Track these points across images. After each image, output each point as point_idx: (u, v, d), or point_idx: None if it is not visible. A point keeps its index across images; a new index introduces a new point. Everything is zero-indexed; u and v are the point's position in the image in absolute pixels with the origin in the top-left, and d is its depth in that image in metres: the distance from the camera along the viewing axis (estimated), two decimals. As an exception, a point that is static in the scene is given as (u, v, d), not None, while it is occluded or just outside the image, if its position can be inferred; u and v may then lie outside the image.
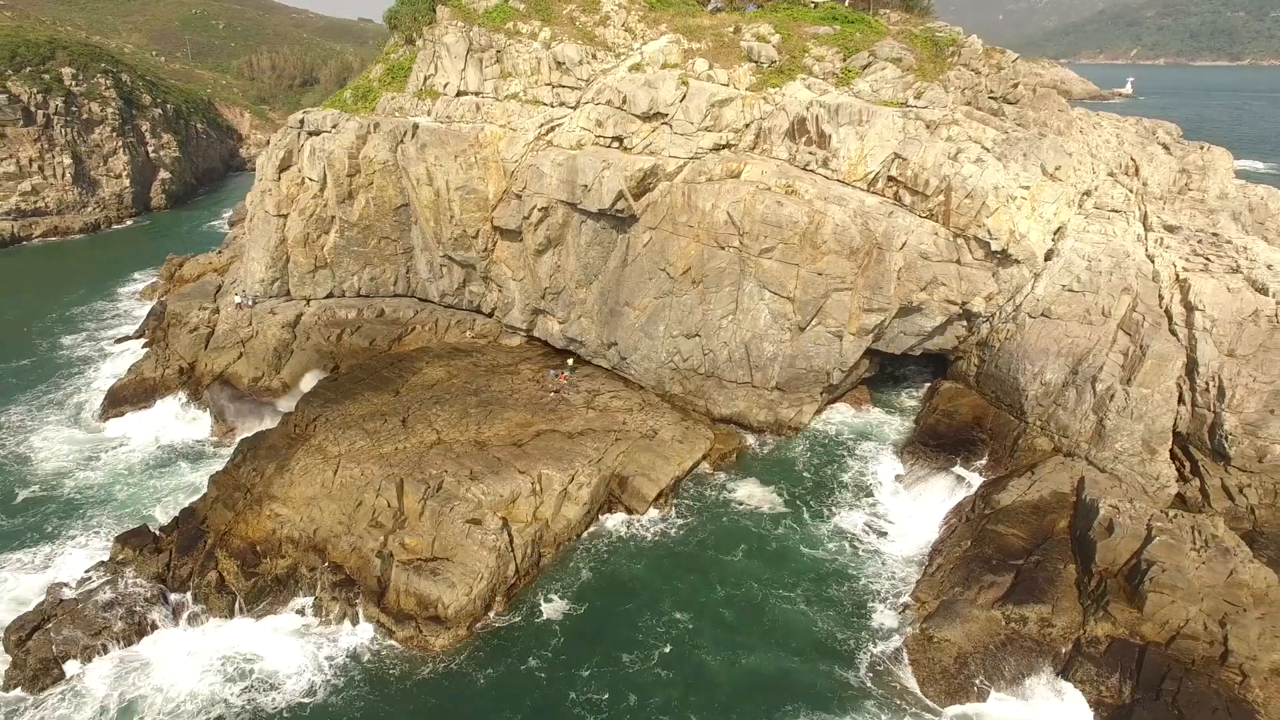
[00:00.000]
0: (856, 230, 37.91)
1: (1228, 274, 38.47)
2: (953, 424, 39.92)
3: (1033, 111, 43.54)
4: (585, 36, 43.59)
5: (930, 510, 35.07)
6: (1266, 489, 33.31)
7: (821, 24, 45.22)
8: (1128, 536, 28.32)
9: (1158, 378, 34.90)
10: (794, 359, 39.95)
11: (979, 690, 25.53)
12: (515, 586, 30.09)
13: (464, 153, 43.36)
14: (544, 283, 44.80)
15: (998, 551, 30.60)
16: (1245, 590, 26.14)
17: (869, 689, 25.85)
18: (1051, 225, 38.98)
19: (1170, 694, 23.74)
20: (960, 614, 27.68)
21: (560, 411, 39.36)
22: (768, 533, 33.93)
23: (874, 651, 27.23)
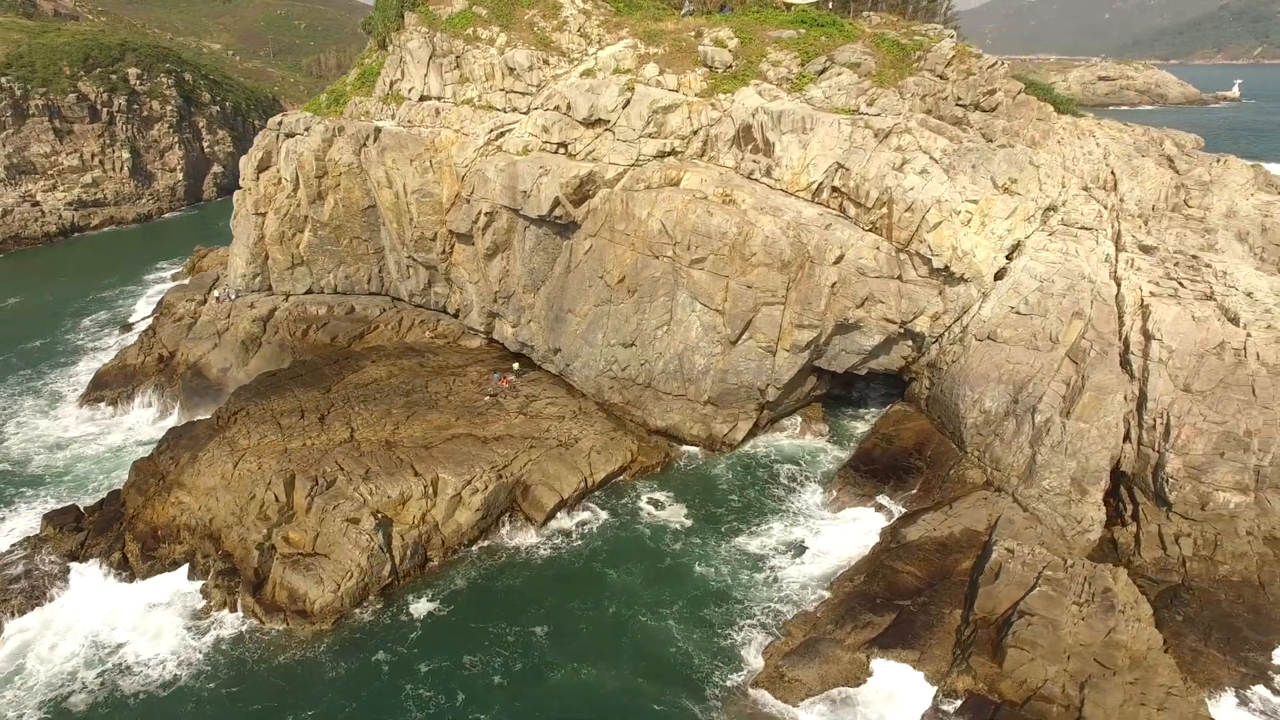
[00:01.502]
0: (787, 243, 36.53)
1: (1198, 301, 35.09)
2: (890, 449, 37.98)
3: (1004, 120, 40.74)
4: (541, 42, 43.64)
5: (845, 540, 33.45)
6: (1205, 539, 30.22)
7: (787, 28, 43.68)
8: (1012, 584, 26.31)
9: (1096, 411, 32.16)
10: (725, 373, 38.91)
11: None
12: (392, 586, 30.62)
13: (419, 156, 44.24)
14: (494, 286, 45.26)
15: (887, 589, 28.98)
16: (1122, 652, 23.84)
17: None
18: (1004, 242, 36.47)
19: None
20: (822, 653, 26.34)
21: (488, 415, 39.68)
22: (665, 549, 33.24)
23: (723, 684, 26.27)
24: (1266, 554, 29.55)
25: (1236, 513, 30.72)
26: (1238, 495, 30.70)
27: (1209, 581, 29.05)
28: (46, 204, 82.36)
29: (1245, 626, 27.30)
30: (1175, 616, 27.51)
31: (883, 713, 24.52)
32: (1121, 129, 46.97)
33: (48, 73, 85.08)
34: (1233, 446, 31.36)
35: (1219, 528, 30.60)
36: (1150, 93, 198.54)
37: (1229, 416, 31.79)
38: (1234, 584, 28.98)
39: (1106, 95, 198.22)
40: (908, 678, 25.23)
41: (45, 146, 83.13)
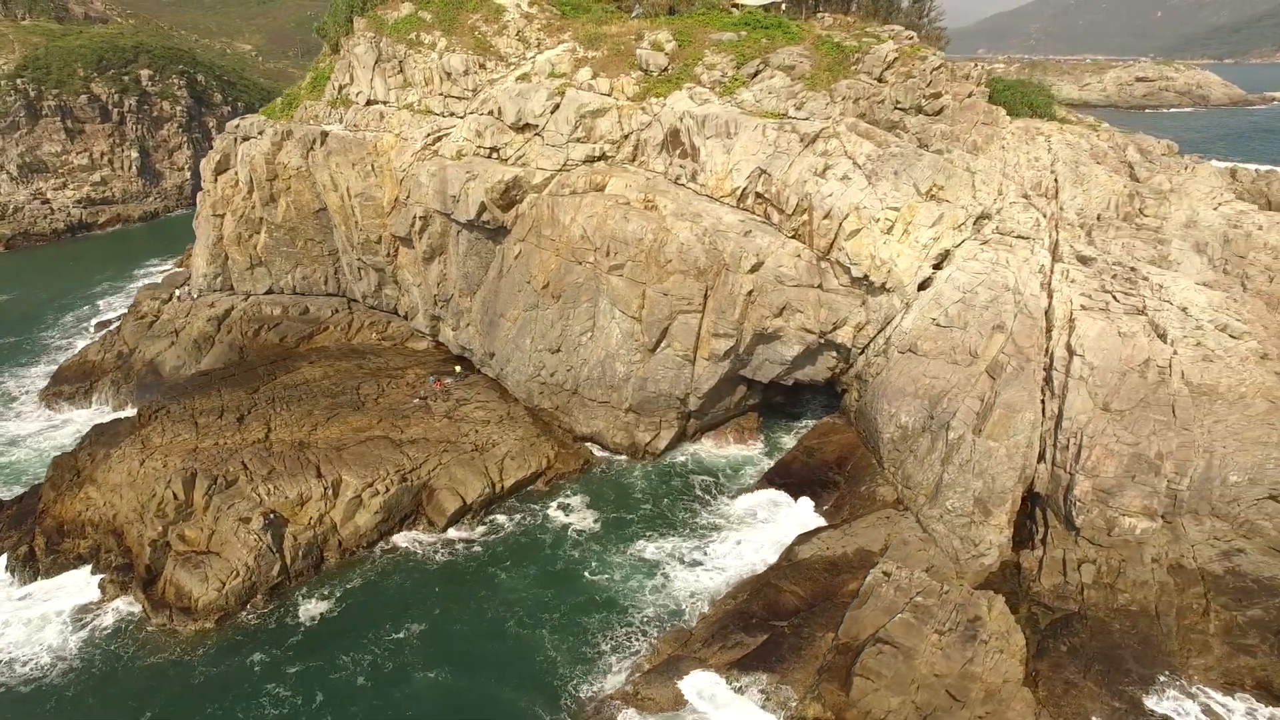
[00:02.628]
0: (702, 250, 35.93)
1: (1129, 315, 33.55)
2: (810, 463, 37.11)
3: (946, 124, 39.41)
4: (481, 46, 43.70)
5: (745, 554, 32.72)
6: (1109, 566, 28.79)
7: (729, 30, 42.97)
8: (879, 609, 25.44)
9: (1005, 430, 30.92)
10: (645, 381, 38.45)
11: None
12: (282, 586, 30.96)
13: (362, 161, 44.71)
14: (433, 290, 45.51)
15: (766, 609, 28.28)
16: (977, 684, 22.84)
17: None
18: (929, 251, 35.34)
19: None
20: (683, 673, 25.82)
21: (412, 419, 39.89)
22: (561, 555, 33.03)
23: (578, 695, 25.92)
24: (1168, 583, 28.05)
25: (1144, 539, 29.24)
26: (1145, 521, 29.21)
27: (1106, 611, 27.67)
28: (56, 202, 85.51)
29: (1131, 658, 25.96)
30: (1060, 647, 26.28)
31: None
32: (1085, 133, 45.07)
33: (62, 74, 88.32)
34: (1143, 469, 29.87)
35: (1125, 554, 29.15)
36: (1191, 94, 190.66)
37: (1143, 438, 30.29)
38: (1131, 614, 27.57)
39: (1144, 97, 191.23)
40: (760, 703, 24.54)
41: (56, 146, 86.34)
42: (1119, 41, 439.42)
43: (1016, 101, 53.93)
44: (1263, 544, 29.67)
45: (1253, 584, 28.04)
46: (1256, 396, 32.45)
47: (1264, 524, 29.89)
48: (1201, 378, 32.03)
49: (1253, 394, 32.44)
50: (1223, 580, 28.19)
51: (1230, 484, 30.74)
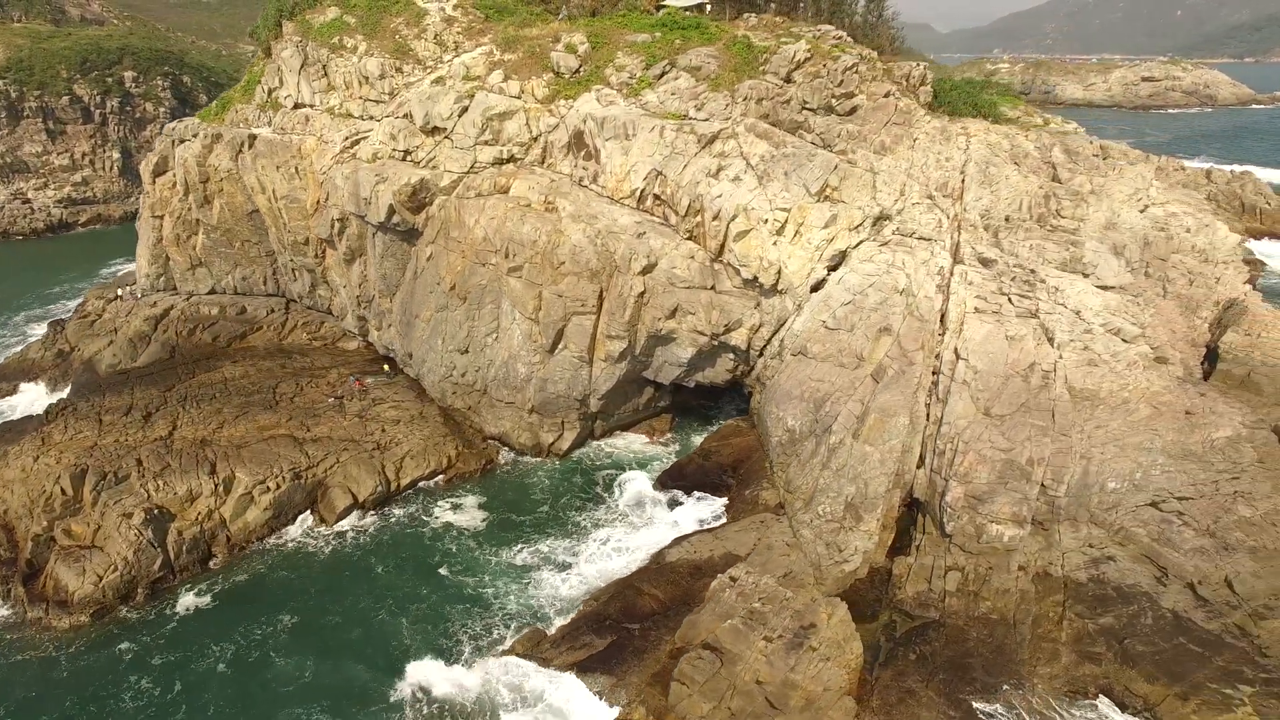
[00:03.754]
0: (594, 251, 35.98)
1: (1020, 319, 33.15)
2: (705, 466, 37.04)
3: (854, 125, 39.10)
4: (400, 50, 44.06)
5: (622, 556, 32.65)
6: (976, 574, 28.44)
7: (644, 31, 42.96)
8: (717, 614, 25.33)
9: (880, 434, 30.66)
10: (545, 382, 38.55)
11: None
12: (164, 580, 31.45)
13: (286, 163, 45.26)
14: (356, 291, 45.93)
15: (622, 611, 28.27)
16: (798, 692, 22.67)
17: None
18: (822, 252, 35.13)
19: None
20: (526, 672, 25.88)
21: (323, 418, 40.29)
22: (443, 551, 33.30)
23: (429, 688, 26.10)
24: (1029, 591, 27.65)
25: (1012, 546, 28.84)
26: (1013, 528, 28.80)
27: (966, 619, 27.34)
28: (37, 201, 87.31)
29: (980, 667, 25.63)
30: (909, 655, 26.01)
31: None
32: (1011, 134, 44.46)
33: (45, 75, 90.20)
34: (1015, 476, 29.47)
35: (992, 562, 28.78)
36: (1198, 94, 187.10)
37: (1017, 443, 29.91)
38: (991, 621, 27.22)
39: (1150, 97, 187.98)
40: (593, 705, 24.56)
41: (37, 146, 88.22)
42: (1136, 41, 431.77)
43: (960, 102, 53.50)
44: (1135, 551, 29.19)
45: (1113, 592, 27.58)
46: (1140, 402, 31.98)
47: (1138, 531, 29.41)
48: (1084, 382, 31.61)
49: (1136, 399, 31.97)
50: (1084, 588, 27.75)
51: (1109, 490, 30.31)
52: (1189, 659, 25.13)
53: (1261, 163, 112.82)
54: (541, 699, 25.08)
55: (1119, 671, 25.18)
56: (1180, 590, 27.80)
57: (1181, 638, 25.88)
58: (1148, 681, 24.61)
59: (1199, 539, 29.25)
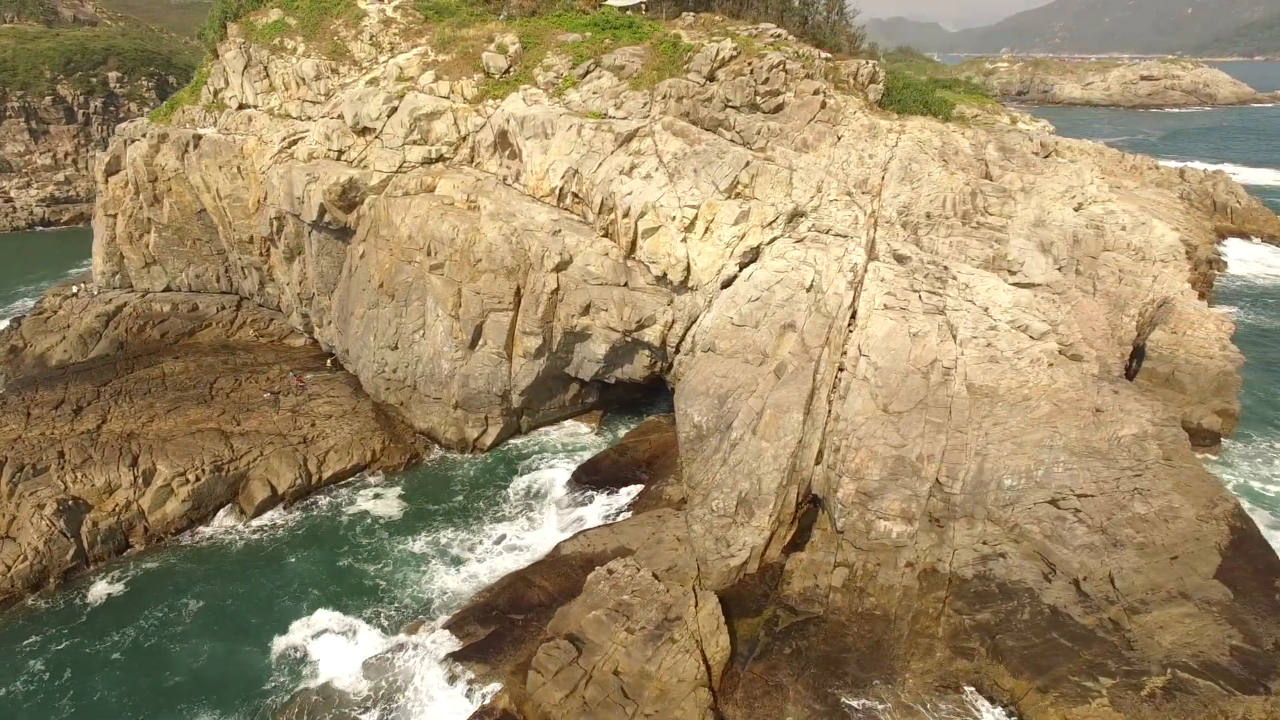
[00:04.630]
0: (508, 249, 36.38)
1: (928, 315, 33.23)
2: (620, 461, 37.37)
3: (775, 123, 39.25)
4: (337, 51, 44.64)
5: (523, 548, 33.01)
6: (865, 570, 28.59)
7: (575, 31, 43.30)
8: (588, 605, 25.60)
9: (775, 430, 30.85)
10: (468, 378, 38.98)
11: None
12: (78, 570, 32.12)
13: (229, 163, 45.97)
14: (296, 288, 46.56)
15: (510, 602, 28.69)
16: (653, 683, 22.94)
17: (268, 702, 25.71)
18: (733, 249, 35.34)
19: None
20: (403, 659, 26.32)
21: (256, 412, 40.89)
22: (353, 542, 33.92)
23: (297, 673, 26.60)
24: (913, 587, 27.76)
25: (900, 542, 28.97)
26: (901, 524, 28.94)
27: (849, 614, 27.49)
28: (19, 200, 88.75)
29: (855, 662, 25.79)
30: (785, 650, 26.20)
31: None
32: (944, 131, 44.48)
33: (28, 76, 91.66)
34: (906, 473, 29.62)
35: (881, 558, 28.92)
36: (1198, 93, 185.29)
37: (910, 440, 30.05)
38: (873, 617, 27.36)
39: (1149, 96, 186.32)
40: (464, 692, 24.94)
41: (20, 146, 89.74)
42: (1146, 39, 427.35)
43: (910, 100, 53.64)
44: (1028, 548, 29.22)
45: (996, 588, 27.63)
46: (1041, 399, 31.99)
47: (1032, 528, 29.46)
48: (983, 379, 31.69)
49: (1037, 396, 31.99)
50: (968, 585, 27.81)
51: (1006, 488, 30.36)
52: (1057, 653, 25.18)
53: (1251, 162, 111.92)
54: (414, 685, 25.50)
55: (989, 666, 25.28)
56: (1065, 586, 27.84)
57: (1055, 633, 25.93)
58: (1014, 676, 24.70)
59: (1090, 535, 29.28)
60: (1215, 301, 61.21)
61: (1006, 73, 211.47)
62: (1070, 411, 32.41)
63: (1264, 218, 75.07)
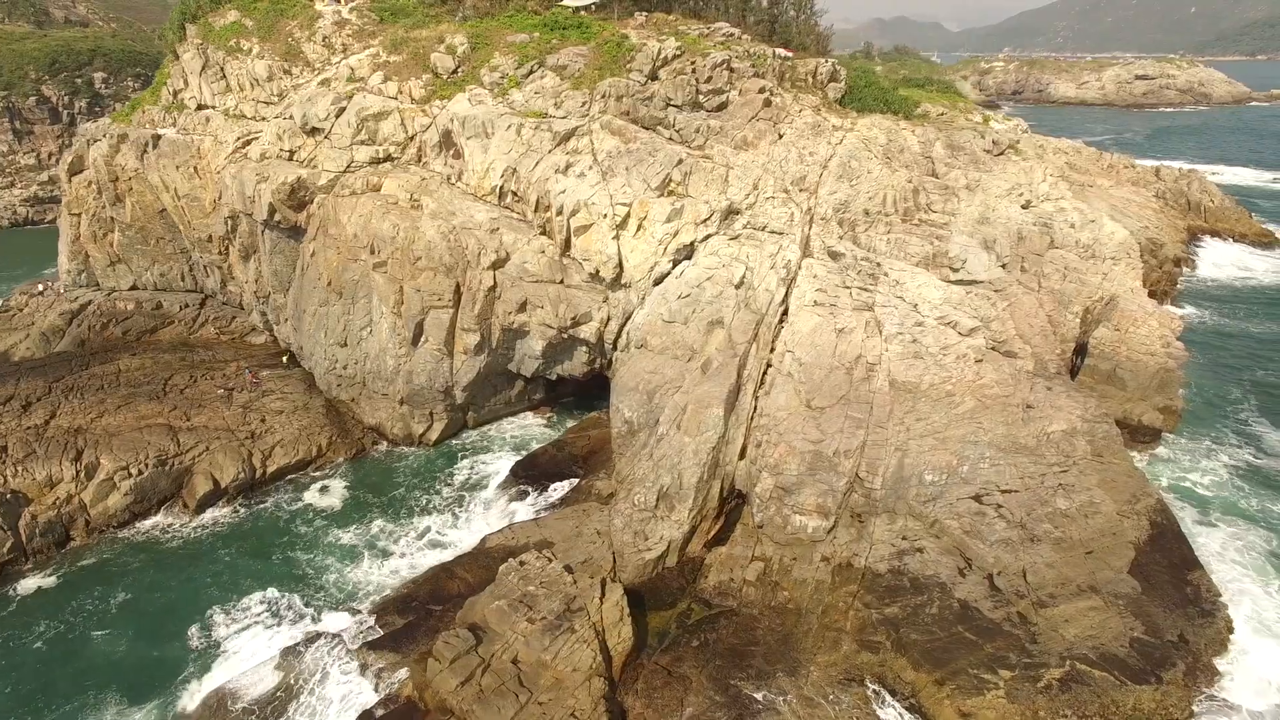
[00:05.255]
0: (446, 247, 36.80)
1: (856, 311, 33.52)
2: (558, 457, 37.72)
3: (716, 121, 39.55)
4: (291, 53, 45.15)
5: (452, 541, 33.34)
6: (781, 565, 28.91)
7: (524, 32, 43.70)
8: (496, 595, 25.94)
9: (697, 425, 31.14)
10: (411, 374, 39.41)
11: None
12: (14, 563, 32.61)
13: (186, 163, 46.56)
14: (252, 286, 47.11)
15: (431, 593, 29.12)
16: (549, 672, 23.30)
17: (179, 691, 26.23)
18: (666, 246, 35.66)
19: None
20: (316, 648, 26.75)
21: (208, 408, 41.37)
22: (292, 534, 34.31)
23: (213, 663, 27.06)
24: (825, 581, 28.06)
25: (816, 537, 29.27)
26: (817, 519, 29.24)
27: (762, 608, 27.78)
28: (3, 200, 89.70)
29: (762, 655, 26.07)
30: (693, 642, 26.51)
31: (325, 712, 24.81)
32: (893, 129, 44.77)
33: (13, 76, 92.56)
34: (823, 468, 29.91)
35: (798, 552, 29.24)
36: (1193, 92, 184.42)
37: (829, 435, 30.34)
38: (785, 611, 27.64)
39: (1144, 95, 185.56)
40: (373, 683, 25.35)
41: (3, 146, 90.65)
42: (1149, 38, 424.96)
43: (871, 100, 53.80)
44: (948, 543, 29.51)
45: (909, 583, 27.89)
46: (965, 395, 32.24)
47: (951, 524, 29.73)
48: (906, 375, 31.95)
49: (962, 392, 32.23)
50: (881, 579, 28.09)
51: (927, 483, 30.64)
52: (960, 646, 25.43)
53: (1235, 161, 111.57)
54: (326, 674, 25.88)
55: (893, 659, 25.54)
56: (978, 581, 28.10)
57: (960, 626, 26.18)
58: (915, 668, 24.96)
59: (1009, 531, 29.54)
60: (1179, 300, 61.26)
61: (1002, 72, 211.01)
62: (997, 407, 32.66)
63: (1236, 216, 74.92)
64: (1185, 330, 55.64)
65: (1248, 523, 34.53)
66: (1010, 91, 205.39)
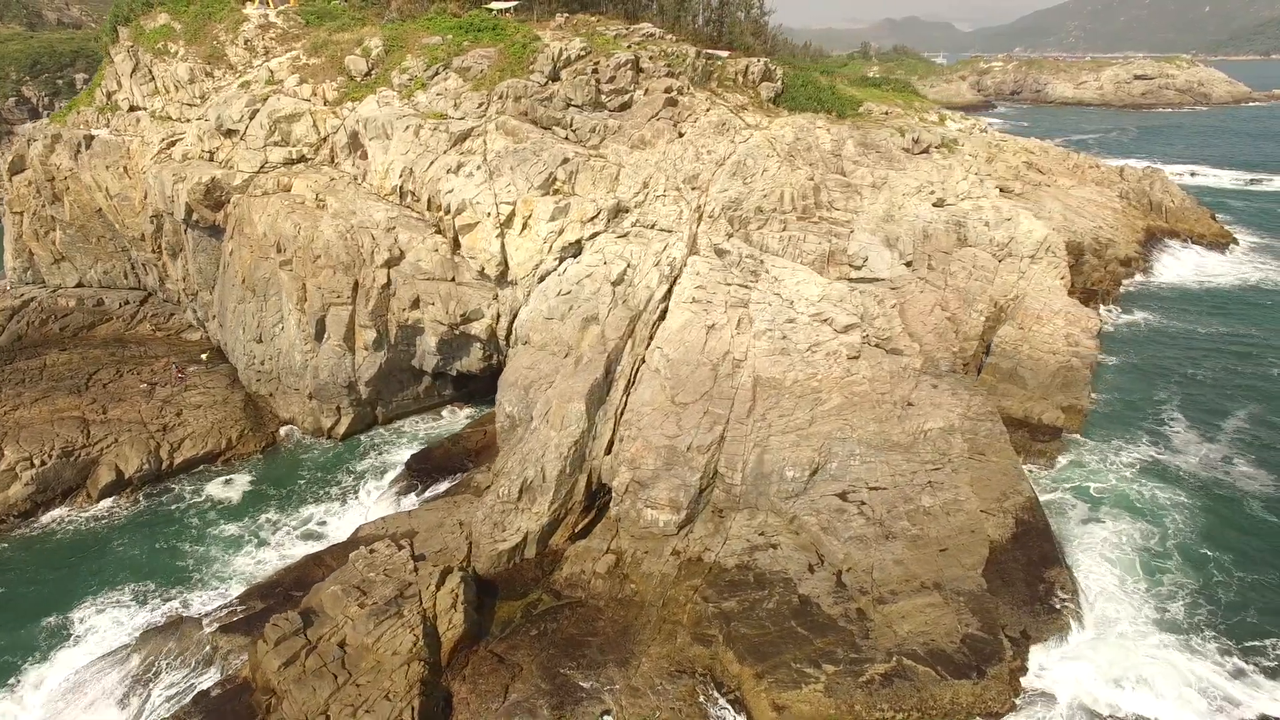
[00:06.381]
0: (343, 246, 37.55)
1: (733, 308, 33.87)
2: (452, 451, 38.35)
3: (615, 120, 40.00)
4: (215, 56, 46.19)
5: (336, 532, 33.90)
6: (633, 558, 29.30)
7: (439, 34, 44.41)
8: (338, 581, 26.60)
9: (560, 420, 31.63)
10: (318, 370, 40.19)
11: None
12: (-92, 553, 33.79)
13: (116, 164, 47.75)
14: (181, 284, 48.20)
15: (295, 580, 29.71)
16: (370, 656, 23.90)
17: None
18: (551, 244, 36.18)
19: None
20: (182, 632, 27.54)
21: (127, 402, 42.40)
22: (181, 525, 34.90)
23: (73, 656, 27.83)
24: (670, 575, 28.42)
25: (668, 531, 29.63)
26: (668, 513, 29.61)
27: (609, 600, 28.17)
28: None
29: (597, 645, 26.46)
30: (532, 631, 26.97)
31: (170, 693, 25.55)
32: (807, 127, 44.96)
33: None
34: (679, 463, 30.28)
35: (650, 546, 29.61)
36: (1192, 92, 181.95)
37: (685, 431, 30.69)
38: (630, 604, 28.03)
39: (1142, 95, 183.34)
40: (221, 668, 26.06)
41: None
42: (1162, 37, 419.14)
43: (805, 99, 54.02)
44: (805, 540, 29.81)
45: (753, 578, 28.17)
46: (832, 391, 32.48)
47: (809, 520, 30.03)
48: (771, 371, 32.25)
49: (828, 389, 32.47)
50: (727, 574, 28.37)
51: (789, 479, 30.94)
52: (789, 641, 25.68)
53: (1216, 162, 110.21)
54: (181, 658, 26.60)
55: (722, 652, 25.81)
56: (826, 577, 28.33)
57: (794, 621, 26.43)
58: (739, 661, 25.22)
59: (867, 528, 29.77)
60: (1123, 301, 60.72)
61: (1001, 72, 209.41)
62: (867, 404, 32.87)
63: (1196, 217, 74.13)
64: (1124, 330, 55.73)
65: (1133, 520, 34.32)
66: (1009, 92, 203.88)
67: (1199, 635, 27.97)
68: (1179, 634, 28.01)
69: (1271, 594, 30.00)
